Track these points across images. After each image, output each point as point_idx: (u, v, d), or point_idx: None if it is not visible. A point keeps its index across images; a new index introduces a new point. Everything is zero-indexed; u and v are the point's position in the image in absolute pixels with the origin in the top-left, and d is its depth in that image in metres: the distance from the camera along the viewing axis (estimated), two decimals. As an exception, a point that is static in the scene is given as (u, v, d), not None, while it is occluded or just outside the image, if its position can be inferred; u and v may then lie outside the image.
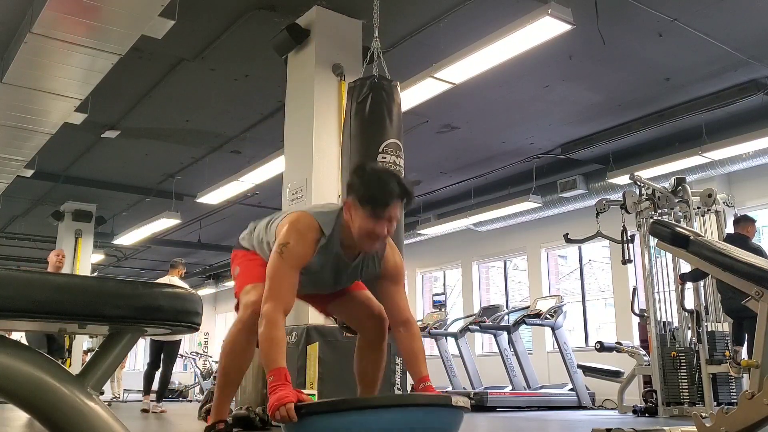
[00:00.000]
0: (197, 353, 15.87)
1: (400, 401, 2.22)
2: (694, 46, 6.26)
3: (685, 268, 6.31)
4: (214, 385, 2.79)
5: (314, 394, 3.90)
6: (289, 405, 2.05)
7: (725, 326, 6.36)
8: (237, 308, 2.63)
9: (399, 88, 3.92)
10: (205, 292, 17.38)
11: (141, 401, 7.54)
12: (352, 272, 2.56)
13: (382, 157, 3.61)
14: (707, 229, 6.69)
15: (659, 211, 6.77)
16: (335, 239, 2.44)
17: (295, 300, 2.41)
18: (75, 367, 10.13)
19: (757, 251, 5.50)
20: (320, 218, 2.44)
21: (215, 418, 2.65)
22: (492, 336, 9.43)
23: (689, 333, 6.47)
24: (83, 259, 11.58)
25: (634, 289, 7.58)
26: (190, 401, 14.06)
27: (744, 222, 6.12)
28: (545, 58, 6.35)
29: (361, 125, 3.73)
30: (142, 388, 7.32)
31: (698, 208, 6.73)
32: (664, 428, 3.33)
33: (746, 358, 2.72)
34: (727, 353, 6.05)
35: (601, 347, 7.62)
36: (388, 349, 4.43)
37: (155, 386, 7.24)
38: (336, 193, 5.13)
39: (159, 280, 2.69)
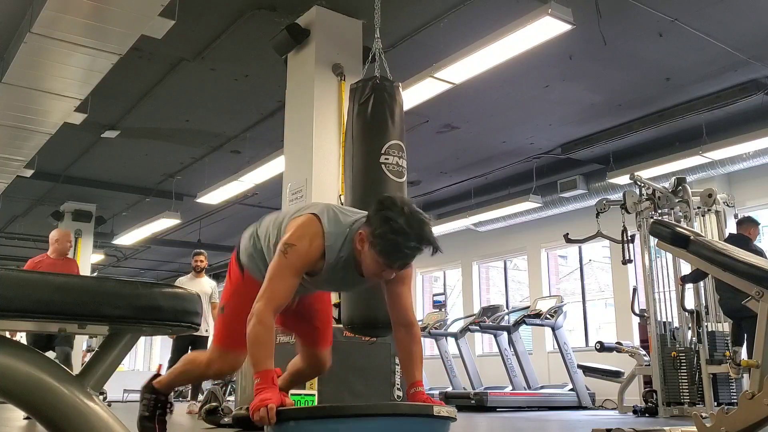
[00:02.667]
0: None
1: (381, 410, 2.17)
2: (694, 46, 6.26)
3: (685, 268, 6.31)
4: (215, 384, 2.81)
5: (314, 395, 3.90)
6: (270, 406, 2.03)
7: (725, 326, 6.36)
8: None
9: (401, 89, 3.92)
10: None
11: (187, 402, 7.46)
12: (360, 281, 2.50)
13: (385, 159, 3.60)
14: (707, 229, 6.69)
15: (659, 211, 6.77)
16: (348, 250, 2.34)
17: (287, 303, 2.35)
18: (75, 367, 10.13)
19: (759, 254, 5.49)
20: (330, 238, 2.31)
21: (164, 388, 2.71)
22: (492, 336, 9.42)
23: (689, 333, 6.47)
24: (83, 259, 11.57)
25: (634, 289, 7.58)
26: (190, 401, 14.03)
27: (747, 223, 6.10)
28: (545, 58, 6.35)
29: (364, 127, 3.73)
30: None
31: (698, 208, 6.73)
32: (664, 428, 3.33)
33: (745, 358, 2.72)
34: (727, 353, 6.05)
35: (601, 347, 7.62)
36: (388, 348, 4.45)
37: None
38: (336, 193, 5.13)
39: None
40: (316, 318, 2.71)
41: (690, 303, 6.40)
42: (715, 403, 5.94)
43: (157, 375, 2.76)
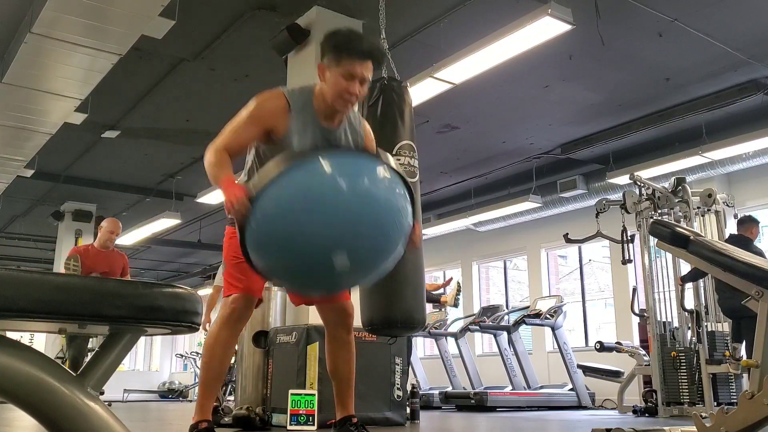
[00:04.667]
0: (197, 353, 15.85)
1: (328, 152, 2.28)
2: (694, 46, 6.26)
3: (685, 268, 6.31)
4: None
5: (314, 394, 3.90)
6: (238, 197, 2.11)
7: (725, 326, 6.36)
8: None
9: (409, 89, 3.92)
10: (205, 292, 17.34)
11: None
12: (338, 144, 2.62)
13: (397, 159, 3.61)
14: (707, 229, 6.69)
15: (659, 211, 6.77)
16: (307, 105, 2.54)
17: (242, 151, 2.61)
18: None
19: (759, 255, 5.48)
20: (287, 89, 2.59)
21: (199, 416, 2.62)
22: (492, 336, 9.42)
23: (689, 333, 6.47)
24: (83, 259, 11.56)
25: (634, 289, 7.58)
26: (190, 401, 14.06)
27: (748, 223, 6.10)
28: (545, 58, 6.35)
29: (374, 127, 3.73)
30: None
31: (698, 208, 6.73)
32: (664, 428, 3.33)
33: (745, 358, 2.72)
34: (727, 353, 6.05)
35: (601, 347, 7.62)
36: (388, 348, 4.45)
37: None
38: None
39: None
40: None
41: (690, 303, 6.40)
42: (715, 403, 5.94)
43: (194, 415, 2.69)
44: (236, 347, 4.77)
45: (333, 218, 2.02)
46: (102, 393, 1.26)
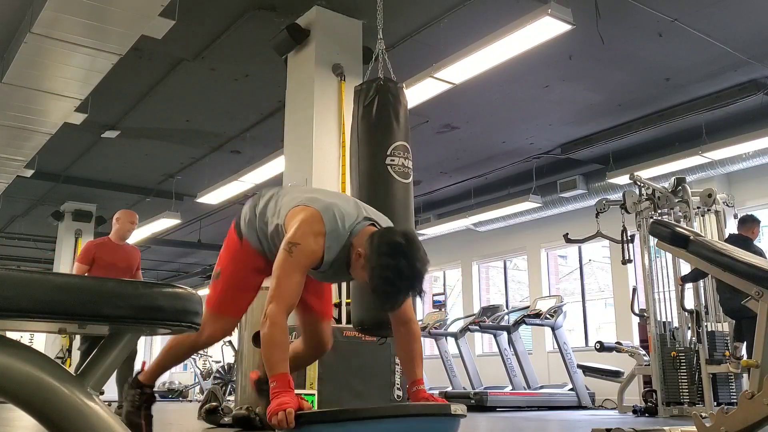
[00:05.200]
0: (197, 353, 15.85)
1: (399, 412, 2.21)
2: (694, 46, 6.26)
3: (685, 268, 6.31)
4: (214, 385, 2.80)
5: (314, 394, 3.90)
6: (289, 411, 2.03)
7: (725, 326, 6.36)
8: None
9: (405, 90, 3.93)
10: (205, 292, 17.29)
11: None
12: (349, 277, 2.55)
13: (391, 160, 3.61)
14: (707, 229, 6.69)
15: (659, 211, 6.77)
16: (343, 252, 2.38)
17: (297, 301, 2.37)
18: (75, 367, 10.13)
19: (759, 255, 5.48)
20: (330, 239, 2.33)
21: (148, 380, 2.68)
22: (492, 336, 9.42)
23: (689, 333, 6.47)
24: (83, 259, 11.56)
25: (634, 289, 7.58)
26: (190, 401, 14.06)
27: (749, 223, 6.09)
28: (545, 58, 6.35)
29: (369, 128, 3.73)
30: None
31: (698, 208, 6.73)
32: (664, 428, 3.33)
33: (746, 358, 2.72)
34: (727, 353, 6.05)
35: (601, 347, 7.62)
36: (388, 348, 4.45)
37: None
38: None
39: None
40: (316, 289, 2.73)
41: (690, 303, 6.40)
42: (715, 403, 5.94)
43: (141, 371, 2.76)
44: (236, 347, 4.78)
45: None
46: (102, 393, 1.26)
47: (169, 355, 2.71)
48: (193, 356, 15.53)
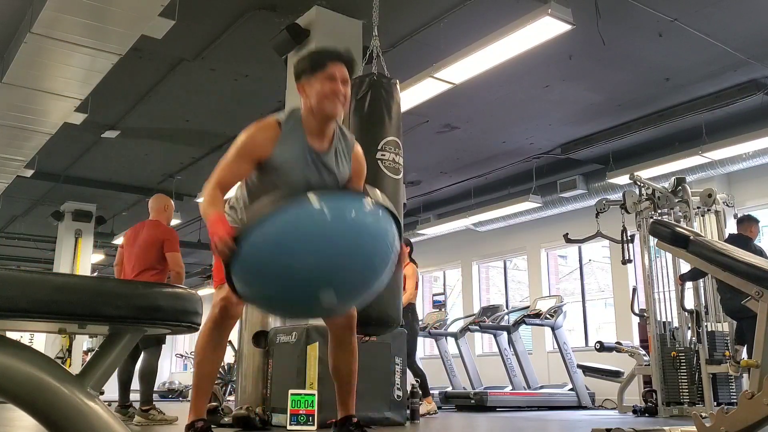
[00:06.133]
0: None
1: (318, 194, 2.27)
2: (694, 46, 6.26)
3: (685, 267, 6.31)
4: (215, 385, 2.80)
5: (314, 394, 3.90)
6: (222, 237, 2.13)
7: (725, 326, 6.36)
8: None
9: (398, 87, 3.93)
10: (205, 292, 17.36)
11: None
12: (328, 167, 2.60)
13: (381, 155, 3.61)
14: (707, 229, 6.69)
15: (659, 211, 6.77)
16: (297, 127, 2.54)
17: (234, 184, 2.59)
18: (75, 367, 10.14)
19: (759, 254, 5.49)
20: (279, 116, 2.57)
21: (194, 416, 2.64)
22: (492, 336, 9.42)
23: (689, 333, 6.47)
24: (83, 259, 11.57)
25: (634, 289, 7.58)
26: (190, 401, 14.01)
27: (748, 222, 6.10)
28: (545, 58, 6.35)
29: (360, 122, 3.73)
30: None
31: (698, 208, 6.73)
32: (664, 428, 3.33)
33: (746, 358, 2.72)
34: (727, 353, 6.05)
35: (601, 347, 7.62)
36: (388, 349, 4.45)
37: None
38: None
39: None
40: None
41: (690, 303, 6.40)
42: (715, 403, 5.94)
43: (207, 413, 2.73)
44: (236, 347, 4.78)
45: (320, 259, 2.05)
46: (102, 393, 1.26)
47: (200, 359, 2.67)
48: (192, 356, 15.52)
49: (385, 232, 2.18)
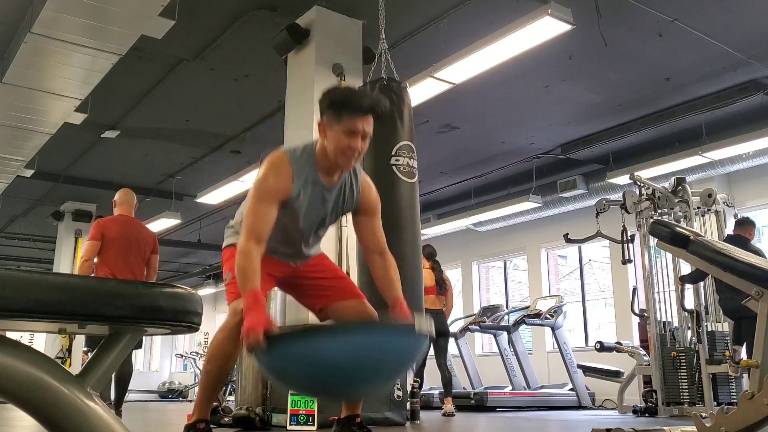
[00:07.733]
0: (197, 353, 15.86)
1: (365, 326, 2.30)
2: (694, 46, 6.26)
3: (685, 268, 6.31)
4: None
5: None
6: (256, 334, 2.06)
7: (725, 326, 6.36)
8: None
9: (408, 90, 3.92)
10: (205, 292, 17.37)
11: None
12: (334, 201, 2.58)
13: (396, 160, 3.61)
14: (707, 229, 6.69)
15: (659, 211, 6.77)
16: (310, 163, 2.49)
17: (269, 230, 2.43)
18: (75, 367, 10.13)
19: (757, 254, 5.49)
20: (291, 152, 2.52)
21: (197, 416, 2.63)
22: (492, 336, 9.42)
23: (689, 333, 6.47)
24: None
25: (634, 289, 7.58)
26: (190, 401, 14.05)
27: (746, 225, 6.11)
28: (545, 58, 6.35)
29: (373, 129, 3.74)
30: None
31: (698, 208, 6.73)
32: (664, 428, 3.33)
33: (745, 358, 2.72)
34: (726, 353, 6.05)
35: (601, 347, 7.62)
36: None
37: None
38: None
39: None
40: (329, 282, 2.76)
41: (690, 303, 6.40)
42: (715, 403, 5.94)
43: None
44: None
45: (350, 380, 2.08)
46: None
47: (209, 369, 2.64)
48: (192, 356, 15.52)
49: (418, 353, 2.20)
